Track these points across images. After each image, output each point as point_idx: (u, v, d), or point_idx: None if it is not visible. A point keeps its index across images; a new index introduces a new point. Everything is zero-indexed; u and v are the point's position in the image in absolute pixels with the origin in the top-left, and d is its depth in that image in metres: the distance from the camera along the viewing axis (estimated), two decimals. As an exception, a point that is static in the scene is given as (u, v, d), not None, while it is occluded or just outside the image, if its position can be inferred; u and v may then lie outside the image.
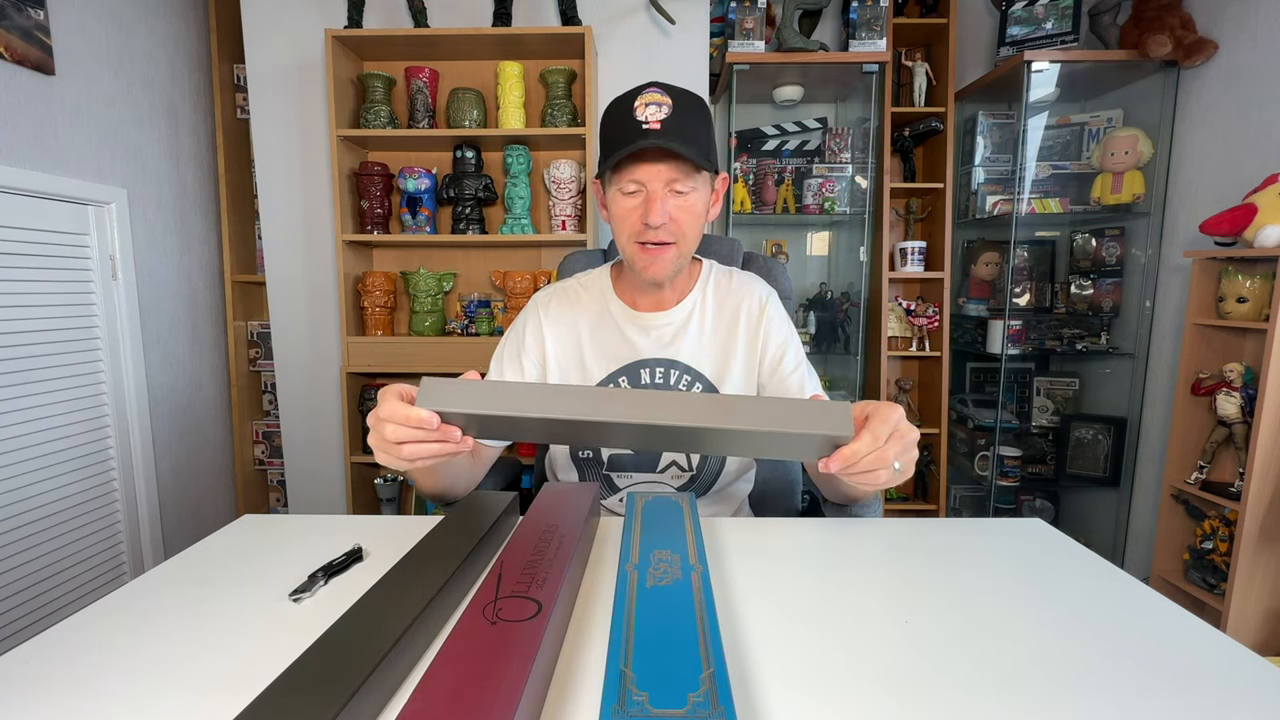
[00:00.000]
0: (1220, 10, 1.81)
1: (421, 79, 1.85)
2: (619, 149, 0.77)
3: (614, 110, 0.80)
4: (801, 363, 0.92)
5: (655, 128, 0.75)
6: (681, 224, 0.81)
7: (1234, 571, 1.52)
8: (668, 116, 0.76)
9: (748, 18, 1.97)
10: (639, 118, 0.76)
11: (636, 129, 0.76)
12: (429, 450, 0.58)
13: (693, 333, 0.91)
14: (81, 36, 1.63)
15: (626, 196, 0.80)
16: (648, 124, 0.76)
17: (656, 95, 0.77)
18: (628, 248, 0.83)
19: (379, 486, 2.02)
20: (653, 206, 0.78)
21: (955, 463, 2.31)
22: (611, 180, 0.81)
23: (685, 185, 0.79)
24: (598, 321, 0.92)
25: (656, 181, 0.78)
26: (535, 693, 0.40)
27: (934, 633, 0.52)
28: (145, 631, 0.53)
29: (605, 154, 0.80)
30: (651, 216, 0.78)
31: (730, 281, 0.94)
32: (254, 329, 2.24)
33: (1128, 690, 0.45)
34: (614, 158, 0.77)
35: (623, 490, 0.93)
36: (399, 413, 0.56)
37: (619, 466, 0.92)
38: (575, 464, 0.95)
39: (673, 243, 0.81)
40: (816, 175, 2.18)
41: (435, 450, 0.58)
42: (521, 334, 0.93)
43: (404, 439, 0.57)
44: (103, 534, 1.71)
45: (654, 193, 0.78)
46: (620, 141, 0.77)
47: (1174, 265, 1.96)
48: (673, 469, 0.92)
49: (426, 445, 0.58)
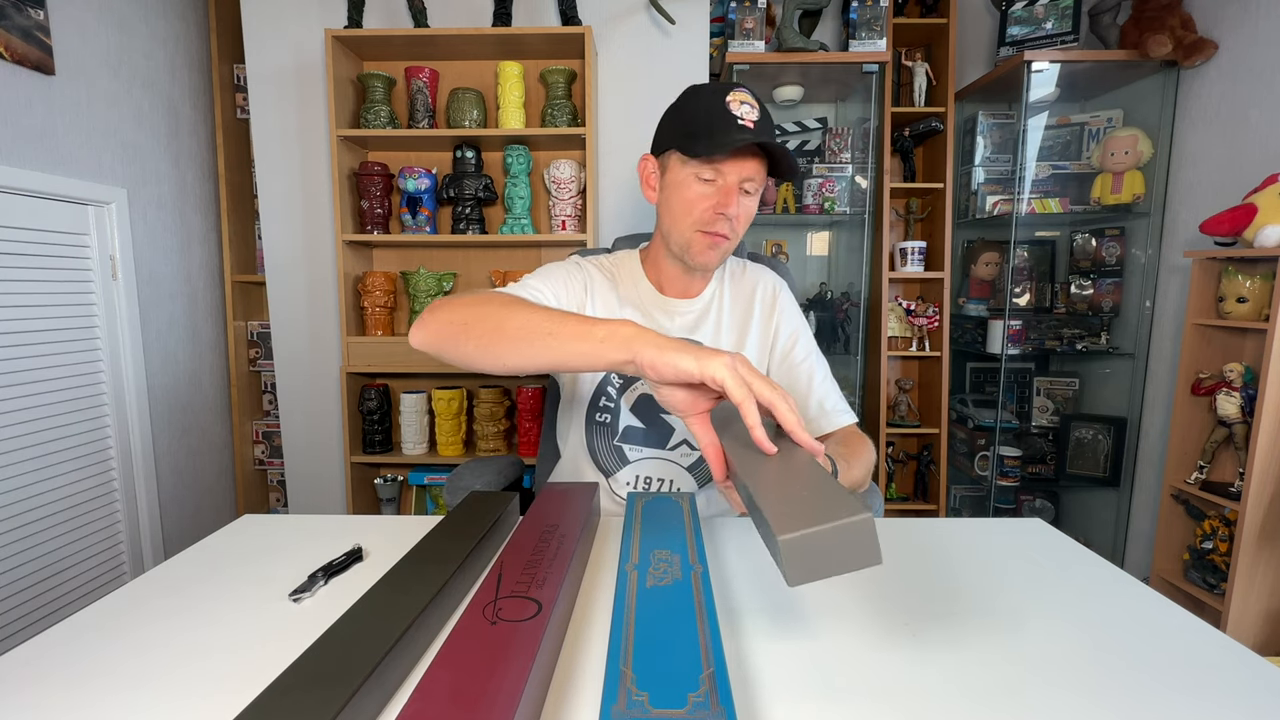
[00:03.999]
0: (1220, 10, 1.81)
1: (421, 79, 1.85)
2: (716, 137, 0.78)
3: (701, 99, 0.82)
4: (811, 353, 0.96)
5: (750, 126, 0.78)
6: (740, 221, 0.85)
7: (1234, 571, 1.52)
8: (759, 119, 0.79)
9: (748, 18, 1.97)
10: (735, 113, 0.79)
11: (734, 123, 0.78)
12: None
13: (713, 318, 0.95)
14: (81, 36, 1.63)
15: (702, 183, 0.83)
16: (744, 120, 0.78)
17: (747, 96, 0.80)
18: (687, 233, 0.85)
19: (379, 486, 2.02)
20: (730, 198, 0.81)
21: (955, 463, 2.31)
22: (689, 164, 0.83)
23: (754, 186, 0.83)
24: (630, 301, 0.95)
25: (736, 176, 0.81)
26: (535, 693, 0.40)
27: (934, 633, 0.52)
28: (145, 631, 0.53)
29: (692, 138, 0.81)
30: (729, 206, 0.81)
31: (745, 271, 1.00)
32: (254, 329, 2.24)
33: (1128, 690, 0.45)
34: (712, 144, 0.79)
35: (633, 463, 0.94)
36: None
37: (631, 439, 0.94)
38: (589, 426, 0.95)
39: (729, 236, 0.85)
40: (816, 175, 2.18)
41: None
42: (570, 274, 0.93)
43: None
44: (103, 534, 1.71)
45: (731, 186, 0.81)
46: (717, 131, 0.78)
47: (1174, 265, 1.96)
48: (683, 447, 0.94)
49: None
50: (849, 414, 0.92)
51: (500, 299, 0.69)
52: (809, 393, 0.92)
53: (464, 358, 0.67)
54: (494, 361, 0.65)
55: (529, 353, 0.62)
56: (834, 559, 0.41)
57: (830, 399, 0.92)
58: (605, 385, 0.94)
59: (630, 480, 0.95)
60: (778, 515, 0.42)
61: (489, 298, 0.70)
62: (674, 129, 0.85)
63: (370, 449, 1.97)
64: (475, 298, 0.70)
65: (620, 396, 0.94)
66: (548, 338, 0.61)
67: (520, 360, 0.63)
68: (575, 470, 0.98)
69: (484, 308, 0.67)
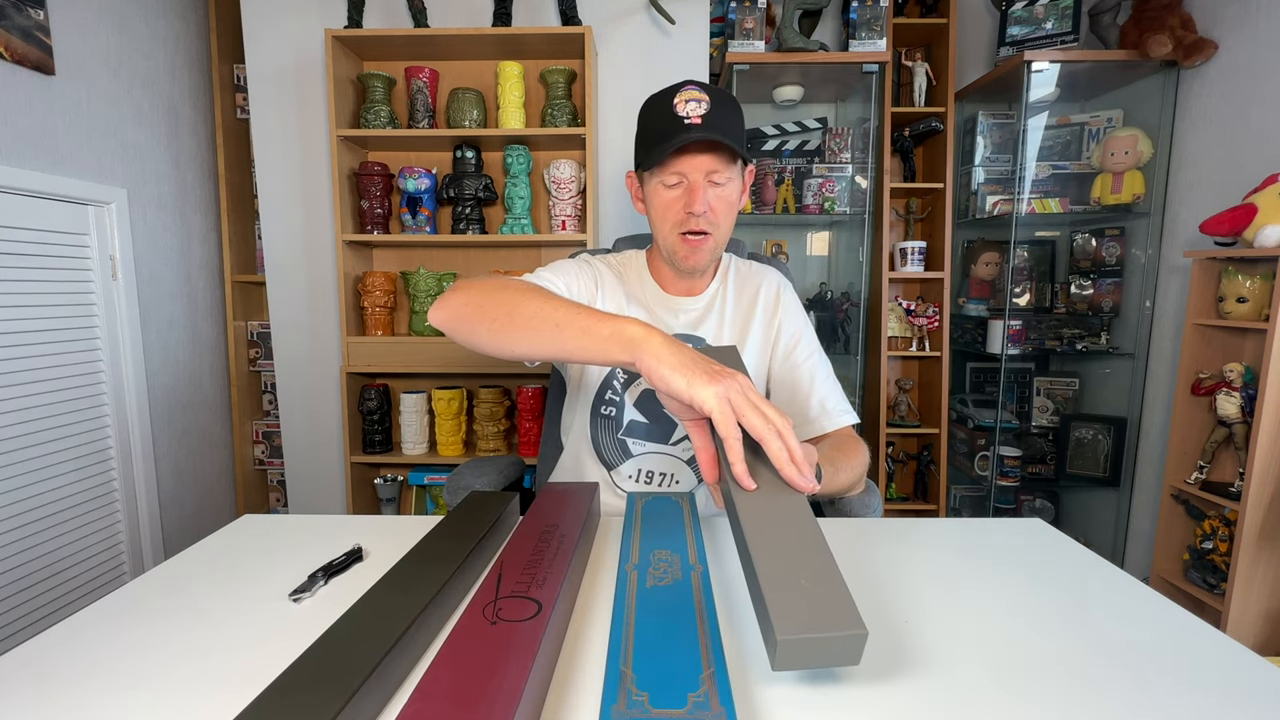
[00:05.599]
0: (1220, 10, 1.80)
1: (421, 79, 1.85)
2: (662, 144, 0.81)
3: (653, 107, 0.85)
4: (814, 352, 0.97)
5: (696, 122, 0.80)
6: (718, 213, 0.86)
7: (1234, 571, 1.52)
8: (707, 112, 0.81)
9: (748, 18, 1.97)
10: (680, 113, 0.81)
11: (679, 124, 0.80)
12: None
13: (715, 315, 0.97)
14: (81, 36, 1.63)
15: (668, 189, 0.85)
16: (689, 119, 0.80)
17: (695, 92, 0.82)
18: (669, 238, 0.88)
19: (379, 486, 2.02)
20: (695, 195, 0.83)
21: (955, 463, 2.31)
22: (653, 174, 0.85)
23: (723, 176, 0.84)
24: (635, 298, 0.96)
25: (697, 173, 0.83)
26: (535, 693, 0.40)
27: (934, 633, 0.52)
28: (145, 631, 0.53)
29: (646, 149, 0.85)
30: (694, 205, 0.83)
31: (749, 270, 1.02)
32: (254, 329, 2.24)
33: (1128, 690, 0.45)
34: (659, 151, 0.81)
35: (636, 456, 0.95)
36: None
37: (635, 433, 0.95)
38: (594, 419, 0.96)
39: (709, 233, 0.86)
40: (816, 175, 2.18)
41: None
42: (580, 269, 0.94)
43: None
44: (103, 534, 1.71)
45: (695, 183, 0.83)
46: (663, 136, 0.81)
47: (1174, 265, 1.96)
48: (685, 442, 0.95)
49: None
50: (849, 415, 0.92)
51: (518, 286, 0.70)
52: (810, 392, 0.93)
53: (476, 340, 0.68)
54: (503, 346, 0.66)
55: (537, 341, 0.63)
56: (821, 656, 0.42)
57: (831, 399, 0.92)
58: (611, 379, 0.95)
59: (633, 473, 0.95)
60: (779, 607, 0.42)
61: (506, 283, 0.71)
62: (639, 145, 0.88)
63: (370, 449, 1.97)
64: (495, 283, 0.71)
65: (625, 391, 0.95)
66: (555, 329, 0.62)
67: (528, 348, 0.64)
68: (577, 463, 0.98)
69: (501, 294, 0.68)
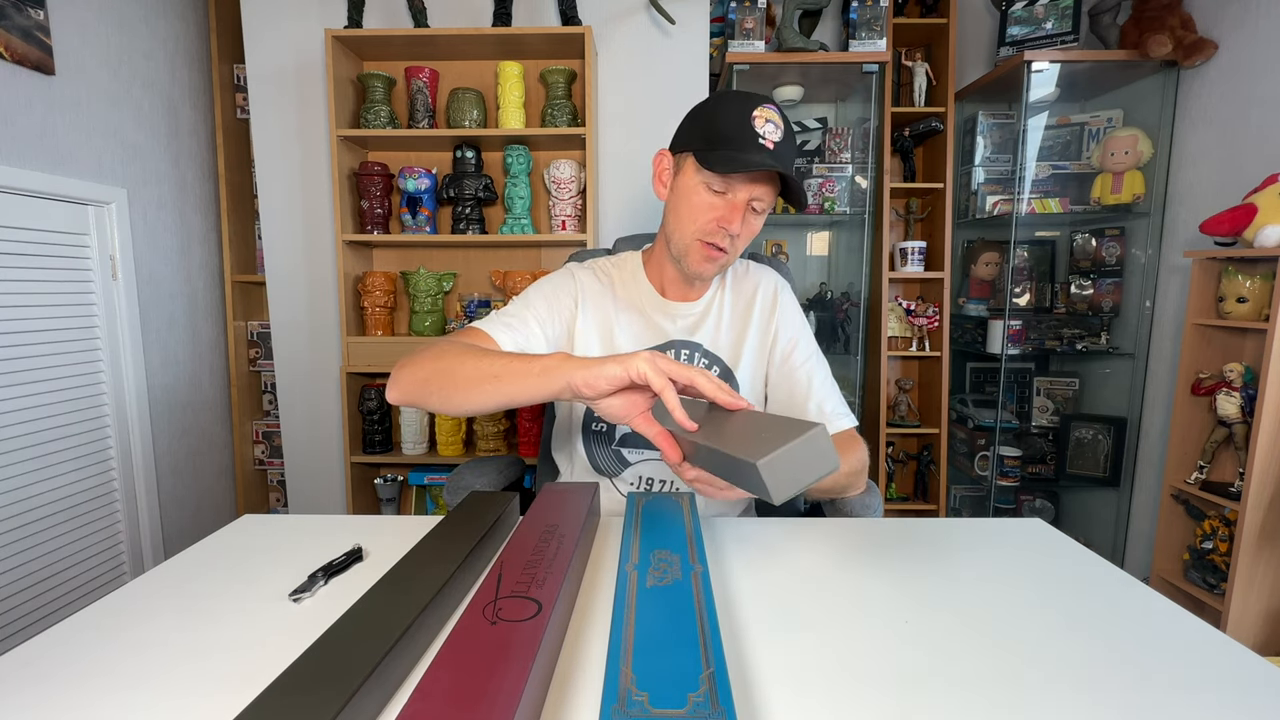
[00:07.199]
0: (1220, 10, 1.80)
1: (421, 79, 1.85)
2: (733, 152, 0.78)
3: (728, 109, 0.81)
4: (811, 356, 0.95)
5: (769, 146, 0.78)
6: (744, 239, 0.86)
7: (1234, 571, 1.52)
8: (781, 140, 0.79)
9: (748, 18, 1.97)
10: (758, 130, 0.78)
11: (754, 142, 0.78)
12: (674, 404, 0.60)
13: (711, 320, 0.96)
14: (81, 36, 1.63)
15: (712, 193, 0.82)
16: (765, 140, 0.78)
17: (773, 114, 0.79)
18: (688, 239, 0.86)
19: (379, 486, 2.02)
20: (735, 215, 0.82)
21: (955, 463, 2.31)
22: (700, 172, 0.82)
23: (763, 205, 0.83)
24: (629, 304, 0.95)
25: (747, 194, 0.81)
26: (535, 693, 0.40)
27: (934, 633, 0.52)
28: (145, 631, 0.53)
29: (710, 147, 0.81)
30: (733, 224, 0.82)
31: (746, 272, 1.00)
32: (254, 329, 2.24)
33: (1128, 690, 0.45)
34: (729, 160, 0.78)
35: (634, 464, 0.95)
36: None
37: (629, 443, 0.95)
38: (586, 436, 0.96)
39: (728, 251, 0.85)
40: (816, 175, 2.18)
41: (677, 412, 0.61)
42: (557, 289, 0.94)
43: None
44: (103, 534, 1.71)
45: (739, 203, 0.82)
46: (734, 145, 0.78)
47: (1174, 265, 1.96)
48: None
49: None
50: (848, 417, 0.92)
51: (454, 351, 0.73)
52: (808, 395, 0.92)
53: (433, 408, 0.74)
54: (459, 408, 0.71)
55: (484, 396, 0.69)
56: (803, 470, 0.50)
57: (829, 402, 0.92)
58: None
59: (634, 480, 0.95)
60: (747, 450, 0.50)
61: (443, 351, 0.74)
62: (696, 133, 0.84)
63: (370, 449, 1.97)
64: (433, 352, 0.74)
65: None
66: (495, 380, 0.67)
67: (479, 403, 0.70)
68: (576, 479, 0.98)
69: (438, 363, 0.73)
